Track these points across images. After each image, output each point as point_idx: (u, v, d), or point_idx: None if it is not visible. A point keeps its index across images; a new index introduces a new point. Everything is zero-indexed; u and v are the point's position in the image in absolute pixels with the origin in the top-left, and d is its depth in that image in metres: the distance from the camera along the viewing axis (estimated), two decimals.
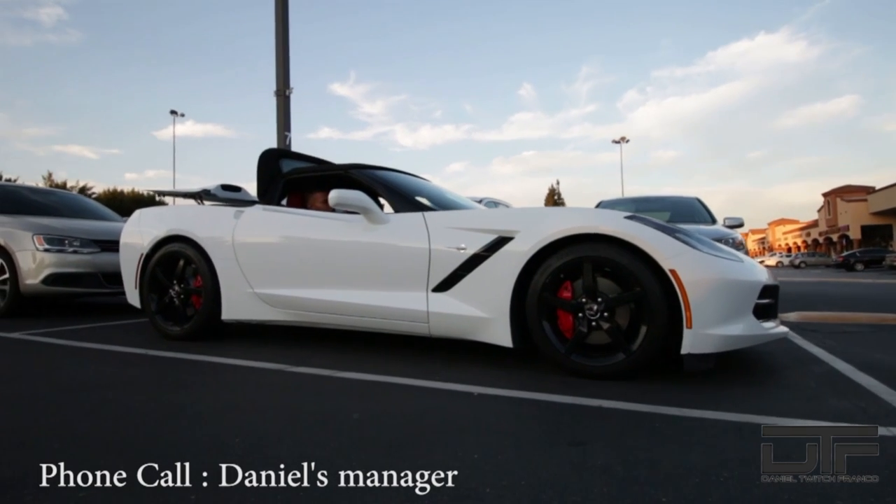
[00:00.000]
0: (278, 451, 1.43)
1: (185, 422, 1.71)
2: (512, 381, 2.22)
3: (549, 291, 2.35)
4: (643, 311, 2.22)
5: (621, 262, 2.22)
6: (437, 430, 1.62)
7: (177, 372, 2.50)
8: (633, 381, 2.20)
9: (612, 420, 1.73)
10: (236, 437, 1.53)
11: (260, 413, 1.81)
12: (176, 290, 3.35)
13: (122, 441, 1.53)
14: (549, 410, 1.84)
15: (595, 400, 1.93)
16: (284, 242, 3.06)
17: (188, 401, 1.96)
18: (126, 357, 2.81)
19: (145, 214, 3.68)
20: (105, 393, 2.06)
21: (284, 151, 3.61)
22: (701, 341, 2.13)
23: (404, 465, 1.32)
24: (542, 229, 2.37)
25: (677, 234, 2.27)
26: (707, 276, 2.15)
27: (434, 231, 2.64)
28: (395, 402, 1.96)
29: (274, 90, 6.20)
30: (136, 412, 1.82)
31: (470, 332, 2.55)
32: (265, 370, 2.47)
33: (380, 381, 2.25)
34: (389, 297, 2.71)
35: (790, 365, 2.60)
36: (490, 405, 1.91)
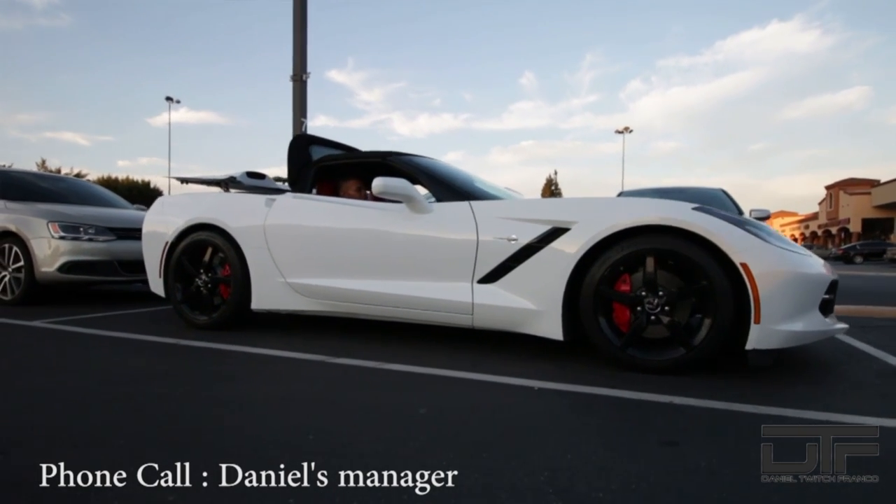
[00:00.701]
0: (361, 450, 1.36)
1: (245, 416, 1.64)
2: (566, 375, 2.16)
3: (606, 284, 2.28)
4: (707, 305, 2.15)
5: (687, 254, 2.15)
6: (515, 428, 1.55)
7: (215, 363, 2.42)
8: (691, 376, 2.14)
9: (693, 418, 1.67)
10: (309, 435, 1.46)
11: (321, 407, 1.74)
12: (203, 279, 3.27)
13: (188, 440, 1.46)
14: (620, 407, 1.78)
15: (664, 396, 1.87)
16: (320, 231, 2.97)
17: (237, 393, 1.89)
18: (158, 347, 2.73)
19: (168, 202, 3.59)
20: (149, 386, 1.99)
21: (314, 138, 3.51)
22: (768, 336, 2.07)
23: (501, 465, 1.26)
24: (602, 221, 2.29)
25: (747, 227, 2.20)
26: (778, 269, 2.08)
27: (482, 221, 2.56)
28: (456, 396, 1.89)
29: (290, 75, 6.06)
30: (189, 407, 1.74)
31: (517, 324, 2.48)
32: (306, 361, 2.40)
33: (430, 373, 2.19)
34: (432, 287, 2.64)
35: (843, 360, 2.55)
36: (555, 400, 1.85)
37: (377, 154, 3.16)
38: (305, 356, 2.49)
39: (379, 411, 1.70)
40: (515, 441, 1.44)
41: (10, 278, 4.43)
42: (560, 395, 1.91)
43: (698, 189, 6.20)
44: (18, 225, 4.40)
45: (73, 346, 2.80)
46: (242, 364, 2.40)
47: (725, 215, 2.27)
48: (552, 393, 1.92)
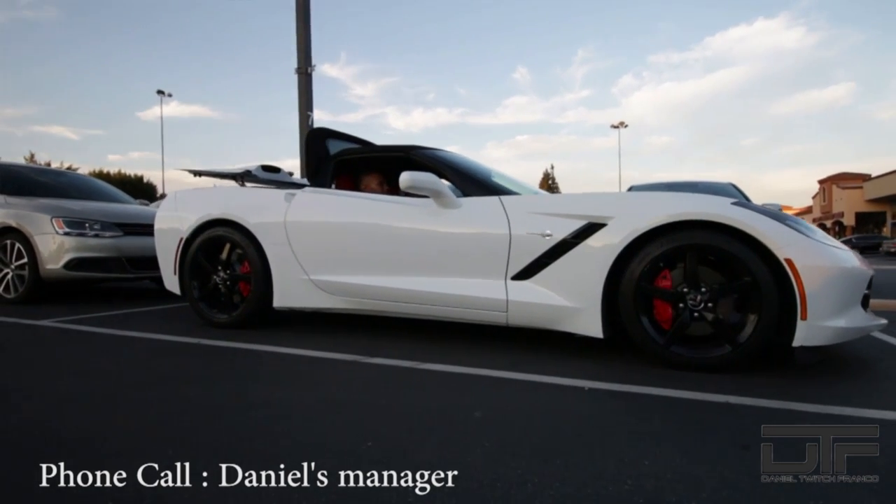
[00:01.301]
0: (429, 458, 1.31)
1: (292, 421, 1.59)
2: (611, 375, 2.12)
3: (646, 280, 2.24)
4: (751, 302, 2.12)
5: (730, 250, 2.12)
6: (579, 432, 1.51)
7: (245, 364, 2.37)
8: (735, 374, 2.11)
9: (755, 418, 1.63)
10: (367, 441, 1.42)
11: (369, 410, 1.69)
12: (221, 276, 3.20)
13: (244, 447, 1.40)
14: (678, 407, 1.74)
15: (718, 395, 1.84)
16: (344, 227, 2.91)
17: (277, 396, 1.84)
18: (182, 347, 2.66)
19: (182, 197, 3.50)
20: (184, 390, 1.93)
21: (330, 131, 3.44)
22: (815, 333, 2.04)
23: (579, 473, 1.22)
24: (641, 216, 2.25)
25: (788, 222, 2.17)
26: (823, 265, 2.06)
27: (514, 216, 2.51)
28: (505, 397, 1.85)
29: (295, 67, 5.96)
30: (232, 412, 1.68)
31: (554, 321, 2.44)
32: (339, 361, 2.35)
33: (471, 373, 2.14)
34: (464, 284, 2.59)
35: (879, 357, 2.52)
36: (609, 401, 1.81)
37: (399, 148, 3.10)
38: (337, 356, 2.43)
39: (432, 415, 1.65)
40: (585, 446, 1.40)
41: (12, 276, 4.32)
42: (612, 395, 1.87)
43: (709, 183, 6.18)
44: (21, 220, 4.30)
45: (93, 348, 2.72)
46: (273, 365, 2.35)
47: (765, 210, 2.24)
48: (604, 393, 1.88)
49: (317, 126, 3.32)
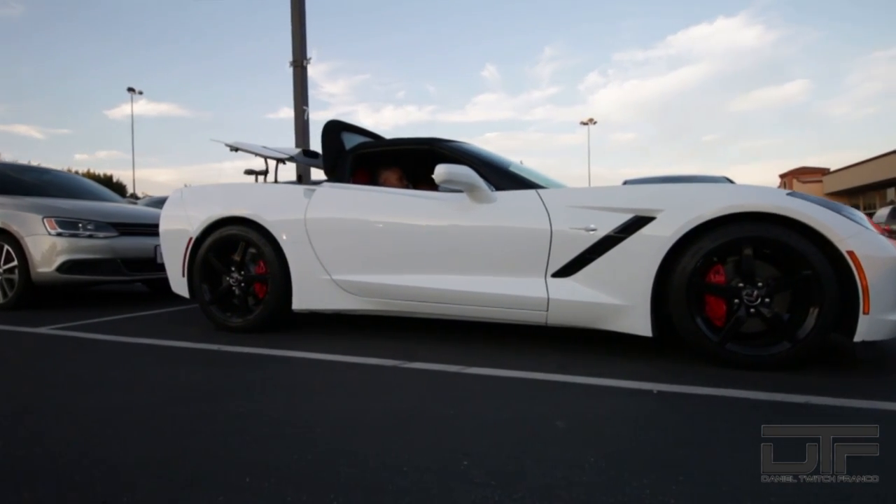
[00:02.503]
0: (537, 477, 1.14)
1: (366, 438, 1.39)
2: (666, 375, 1.99)
3: (699, 276, 2.12)
4: (811, 296, 2.01)
5: (788, 242, 2.00)
6: (678, 442, 1.37)
7: (279, 372, 2.16)
8: (790, 372, 2.00)
9: (843, 419, 1.52)
10: (463, 460, 1.24)
11: (440, 422, 1.51)
12: (235, 277, 2.96)
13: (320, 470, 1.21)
14: (760, 409, 1.61)
15: (795, 396, 1.72)
16: (370, 224, 2.71)
17: (334, 409, 1.64)
18: (203, 355, 2.44)
19: (190, 194, 3.24)
20: (224, 403, 1.72)
21: (344, 124, 3.22)
22: (877, 328, 1.95)
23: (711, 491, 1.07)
24: (692, 208, 2.12)
25: (844, 213, 2.07)
26: (884, 256, 1.96)
27: (554, 210, 2.36)
28: (577, 404, 1.69)
29: (290, 60, 5.66)
30: (290, 429, 1.48)
31: (599, 320, 2.30)
32: (379, 367, 2.16)
33: (523, 377, 1.98)
34: (501, 282, 2.43)
35: None
36: (684, 405, 1.67)
37: (423, 141, 2.91)
38: (375, 361, 2.24)
39: (511, 426, 1.48)
40: (696, 459, 1.25)
41: (2, 280, 3.98)
42: (684, 398, 1.74)
43: (704, 177, 6.15)
44: (9, 221, 3.95)
45: (106, 358, 2.47)
46: (312, 372, 2.15)
47: (820, 200, 2.14)
48: (677, 396, 1.75)
49: (330, 119, 3.09)
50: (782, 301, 2.11)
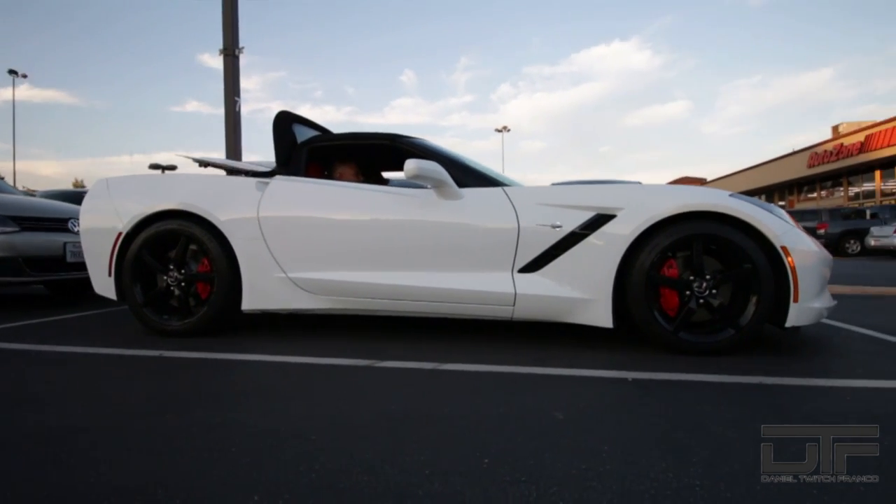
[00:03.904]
0: (561, 470, 1.11)
1: (369, 442, 1.28)
2: (633, 363, 2.07)
3: (655, 270, 2.22)
4: (750, 287, 2.19)
5: (732, 239, 2.16)
6: (677, 428, 1.40)
7: (240, 378, 1.94)
8: (735, 356, 2.16)
9: (794, 395, 1.66)
10: (484, 458, 1.17)
11: (439, 422, 1.42)
12: (174, 276, 2.65)
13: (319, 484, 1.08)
14: (730, 391, 1.71)
15: (748, 377, 1.85)
16: (331, 219, 2.54)
17: (321, 414, 1.49)
18: (142, 362, 2.13)
19: (118, 185, 2.84)
20: (195, 413, 1.50)
21: (296, 116, 3.01)
22: (803, 314, 2.16)
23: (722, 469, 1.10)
24: (649, 207, 2.22)
25: (775, 212, 2.27)
26: (808, 251, 2.18)
27: (521, 207, 2.36)
28: (565, 395, 1.67)
29: (220, 48, 5.21)
30: (283, 437, 1.33)
31: (564, 314, 2.34)
32: (353, 367, 2.02)
33: (503, 371, 1.95)
34: (468, 278, 2.39)
35: (826, 334, 2.71)
36: (659, 391, 1.73)
37: (383, 136, 2.79)
38: (345, 361, 2.10)
39: (514, 421, 1.43)
40: (697, 440, 1.29)
41: None
42: (659, 384, 1.80)
43: (622, 182, 6.57)
44: None
45: (23, 370, 2.08)
46: (278, 376, 1.95)
47: (754, 200, 2.33)
48: (651, 383, 1.80)
49: (281, 110, 2.87)
50: (725, 292, 2.28)
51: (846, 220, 14.37)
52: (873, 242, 12.48)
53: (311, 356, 2.18)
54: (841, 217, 14.56)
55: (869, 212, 14.60)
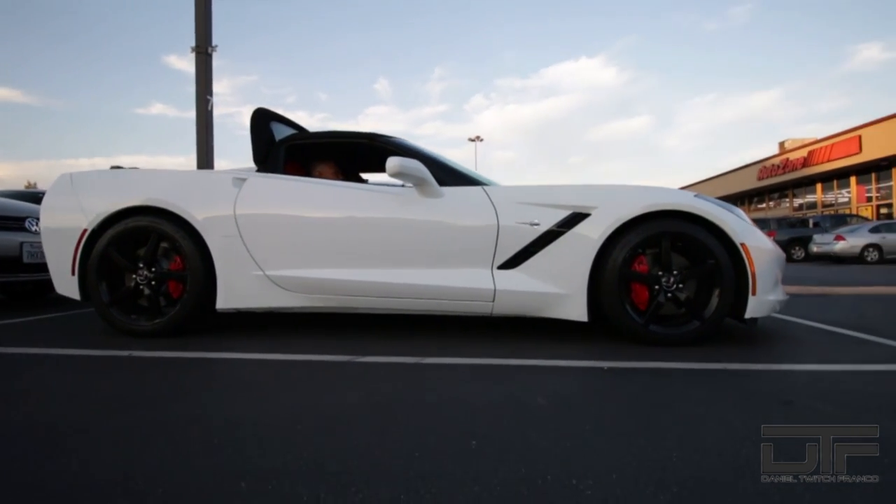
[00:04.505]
0: (546, 449, 1.12)
1: (368, 431, 1.26)
2: (607, 353, 2.12)
3: (627, 266, 2.29)
4: (714, 282, 2.28)
5: (698, 236, 2.26)
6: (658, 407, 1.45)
7: (215, 373, 1.89)
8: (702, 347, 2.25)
9: (757, 378, 1.74)
10: (472, 441, 1.17)
11: (428, 409, 1.42)
12: (144, 274, 2.54)
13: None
14: (696, 376, 1.78)
15: (714, 364, 1.93)
16: (313, 217, 2.50)
17: (317, 405, 1.47)
18: (112, 362, 2.04)
19: (84, 180, 2.71)
20: (170, 407, 1.45)
21: (273, 113, 2.96)
22: (760, 306, 2.27)
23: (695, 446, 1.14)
24: (622, 206, 2.29)
25: (735, 212, 2.38)
26: (765, 248, 2.30)
27: (501, 206, 2.39)
28: (544, 383, 1.69)
29: (192, 46, 5.06)
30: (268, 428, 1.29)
31: (541, 309, 2.37)
32: (332, 363, 1.99)
33: (482, 363, 1.97)
34: (449, 275, 2.40)
35: (781, 327, 2.85)
36: (636, 377, 1.78)
37: (362, 135, 2.78)
38: (324, 357, 2.07)
39: (499, 408, 1.44)
40: (680, 421, 1.34)
41: None
42: (634, 371, 1.85)
43: None
44: None
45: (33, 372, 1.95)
46: (257, 372, 1.91)
47: (716, 201, 2.44)
48: (626, 371, 1.86)
49: (258, 107, 2.82)
50: (691, 287, 2.37)
51: (792, 228, 15.21)
52: (815, 249, 13.24)
53: (290, 353, 2.13)
54: (787, 226, 15.39)
55: (812, 221, 15.49)
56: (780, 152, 24.54)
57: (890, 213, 18.77)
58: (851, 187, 20.72)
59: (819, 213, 21.45)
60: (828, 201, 22.43)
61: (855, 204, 20.47)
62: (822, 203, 22.66)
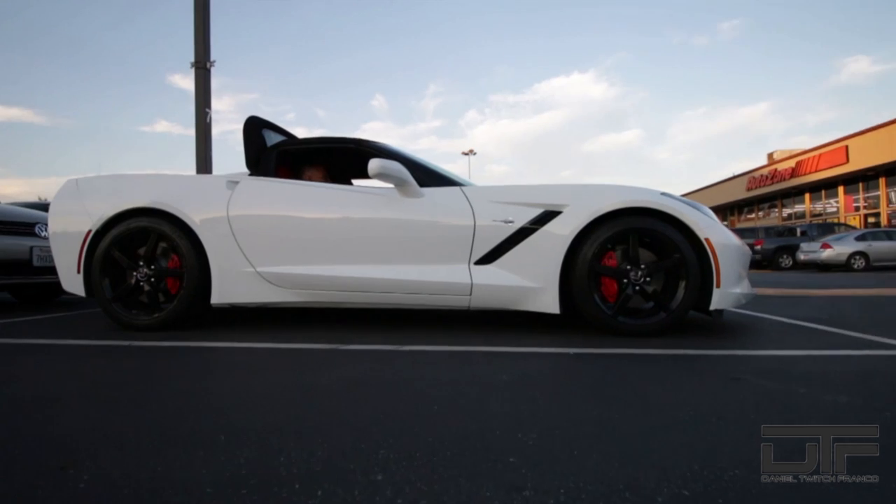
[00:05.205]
0: (507, 412, 1.21)
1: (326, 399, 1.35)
2: (575, 342, 2.21)
3: (596, 260, 2.38)
4: (679, 275, 2.38)
5: (664, 232, 2.35)
6: (605, 381, 1.53)
7: (209, 358, 1.97)
8: (668, 337, 2.33)
9: (710, 361, 1.83)
10: (433, 405, 1.26)
11: (406, 385, 1.51)
12: (144, 272, 2.65)
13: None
14: (656, 359, 1.86)
15: (675, 350, 2.02)
16: (300, 216, 2.60)
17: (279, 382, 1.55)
18: (113, 350, 2.13)
19: (89, 185, 2.83)
20: (168, 383, 1.54)
21: (265, 121, 3.08)
22: (725, 298, 2.36)
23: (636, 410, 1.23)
24: (592, 204, 2.39)
25: (701, 210, 2.48)
26: (728, 243, 2.39)
27: (477, 205, 2.50)
28: (512, 365, 1.78)
29: (191, 62, 5.24)
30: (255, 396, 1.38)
31: (515, 302, 2.47)
32: (316, 350, 2.08)
33: (456, 350, 2.05)
34: (428, 270, 2.49)
35: (748, 322, 2.95)
36: (598, 361, 1.86)
37: (349, 140, 2.90)
38: (309, 346, 2.16)
39: (463, 383, 1.53)
40: (626, 392, 1.42)
41: None
42: (597, 356, 1.94)
43: None
44: None
45: None
46: (247, 357, 1.99)
47: (682, 199, 2.54)
48: (591, 356, 1.94)
49: (251, 115, 2.94)
50: (658, 280, 2.46)
51: (779, 236, 15.29)
52: (803, 257, 13.31)
53: (275, 343, 2.22)
54: (775, 234, 15.48)
55: (799, 229, 15.57)
56: (769, 163, 24.74)
57: (878, 222, 18.88)
58: (839, 197, 20.86)
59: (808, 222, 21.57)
60: (816, 211, 22.55)
61: (843, 213, 20.60)
62: (811, 213, 22.79)
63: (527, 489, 0.84)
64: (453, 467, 0.93)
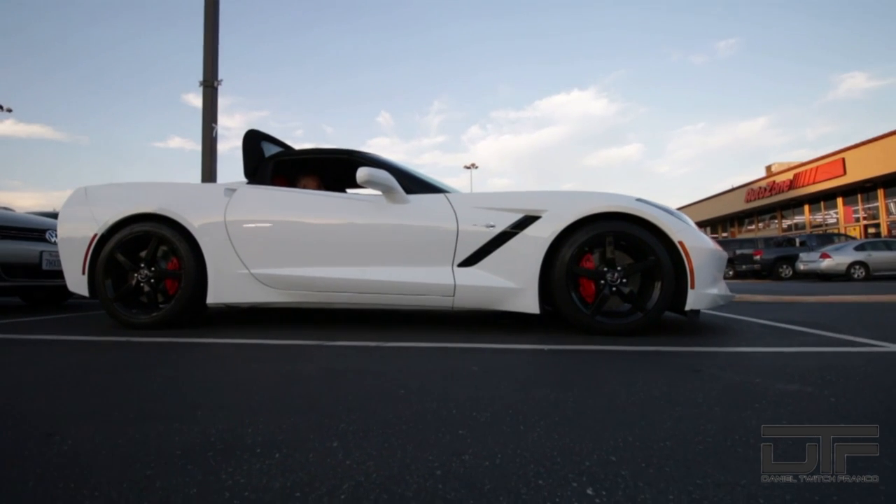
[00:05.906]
0: (476, 395, 1.28)
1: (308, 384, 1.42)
2: (553, 340, 2.26)
3: (574, 262, 2.45)
4: (654, 277, 2.44)
5: (640, 236, 2.42)
6: (573, 372, 1.59)
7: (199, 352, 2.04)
8: (644, 336, 2.38)
9: (683, 357, 1.88)
10: (400, 389, 1.33)
11: (389, 375, 1.58)
12: (144, 273, 2.74)
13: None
14: (627, 355, 1.92)
15: (645, 346, 2.07)
16: (293, 221, 2.70)
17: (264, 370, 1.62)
18: (111, 344, 2.21)
19: (96, 192, 2.95)
20: (156, 371, 1.61)
21: (263, 134, 3.20)
22: (699, 299, 2.41)
23: (594, 396, 1.29)
24: (569, 209, 2.47)
25: (675, 214, 2.55)
26: (702, 246, 2.45)
27: (460, 210, 2.58)
28: (488, 359, 1.84)
29: (200, 80, 5.40)
30: (236, 383, 1.45)
31: (497, 302, 2.53)
32: (303, 346, 2.15)
33: (436, 346, 2.12)
34: (414, 272, 2.57)
35: (728, 324, 2.99)
36: (572, 356, 1.92)
37: (342, 151, 3.00)
38: (297, 342, 2.23)
39: (434, 373, 1.60)
40: (586, 382, 1.48)
41: None
42: (569, 352, 2.00)
43: None
44: None
45: None
46: (236, 351, 2.06)
47: (658, 204, 2.61)
48: (564, 352, 2.00)
49: (250, 128, 3.06)
50: (636, 281, 2.52)
51: (779, 247, 15.22)
52: (802, 267, 13.25)
53: (265, 339, 2.30)
54: (774, 245, 15.41)
55: (798, 240, 15.50)
56: (767, 175, 24.71)
57: (878, 232, 18.76)
58: (839, 208, 20.78)
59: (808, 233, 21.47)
60: (816, 222, 22.45)
61: (843, 224, 20.50)
62: (811, 224, 22.69)
63: (467, 454, 0.91)
64: (405, 438, 0.99)
